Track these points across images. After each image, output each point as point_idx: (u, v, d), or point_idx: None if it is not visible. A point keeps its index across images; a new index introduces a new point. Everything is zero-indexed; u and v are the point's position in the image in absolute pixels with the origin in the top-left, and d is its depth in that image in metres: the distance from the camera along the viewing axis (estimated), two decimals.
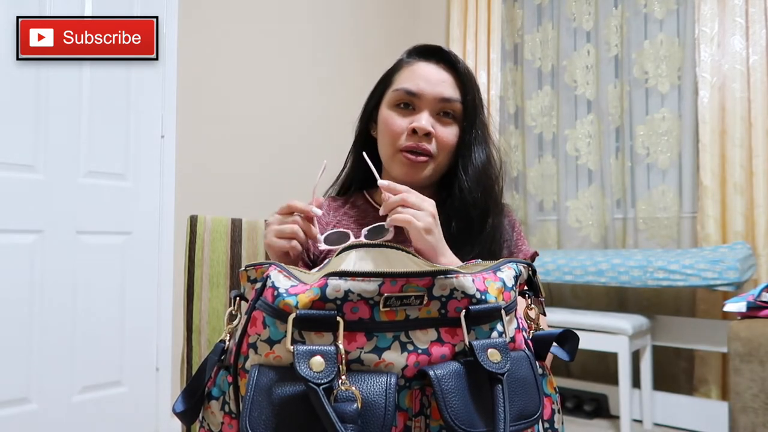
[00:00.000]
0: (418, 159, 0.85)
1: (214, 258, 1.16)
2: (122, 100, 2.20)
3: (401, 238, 0.82)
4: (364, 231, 0.75)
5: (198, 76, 2.43)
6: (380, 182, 0.75)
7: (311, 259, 0.93)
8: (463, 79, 0.88)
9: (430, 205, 0.74)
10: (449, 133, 0.87)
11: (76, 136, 2.07)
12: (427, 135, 0.85)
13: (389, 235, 0.73)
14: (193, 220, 1.15)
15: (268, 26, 2.72)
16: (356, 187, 0.99)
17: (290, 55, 2.82)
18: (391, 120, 0.88)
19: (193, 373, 0.57)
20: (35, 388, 1.93)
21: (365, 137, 0.97)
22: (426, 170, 0.87)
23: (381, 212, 0.78)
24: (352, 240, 0.72)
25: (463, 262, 0.73)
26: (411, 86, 0.87)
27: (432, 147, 0.86)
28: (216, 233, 1.17)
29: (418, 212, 0.72)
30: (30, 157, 1.96)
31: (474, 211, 0.85)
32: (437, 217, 0.75)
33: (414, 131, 0.85)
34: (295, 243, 0.74)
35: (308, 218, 0.75)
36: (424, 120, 0.85)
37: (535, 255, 0.93)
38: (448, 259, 0.74)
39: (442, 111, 0.87)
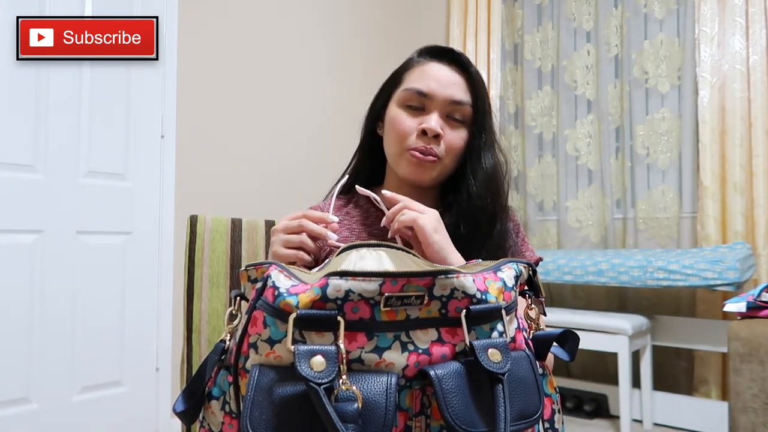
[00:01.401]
0: (427, 158, 0.84)
1: (214, 258, 1.16)
2: (122, 100, 2.20)
3: (381, 229, 0.83)
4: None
5: (198, 76, 2.43)
6: (385, 192, 0.79)
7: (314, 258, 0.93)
8: (475, 82, 0.87)
9: (433, 211, 0.76)
10: (457, 136, 0.86)
11: (76, 136, 2.07)
12: (436, 137, 0.84)
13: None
14: (193, 220, 1.16)
15: (268, 26, 2.72)
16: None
17: (290, 54, 2.82)
18: (399, 119, 0.86)
19: (193, 373, 0.57)
20: (35, 388, 1.93)
21: (372, 136, 0.96)
22: (433, 171, 0.86)
23: (383, 222, 0.78)
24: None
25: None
26: (422, 86, 0.85)
27: (440, 149, 0.85)
28: (216, 233, 1.17)
29: (422, 214, 0.74)
30: (30, 157, 1.96)
31: (482, 215, 0.84)
32: (441, 221, 0.76)
33: (423, 132, 0.84)
34: (302, 254, 0.75)
35: (315, 237, 0.76)
36: (433, 122, 0.84)
37: (539, 261, 0.93)
38: (457, 260, 0.74)
39: (451, 113, 0.86)
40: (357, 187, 0.84)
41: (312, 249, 0.75)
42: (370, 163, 0.97)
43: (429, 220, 0.73)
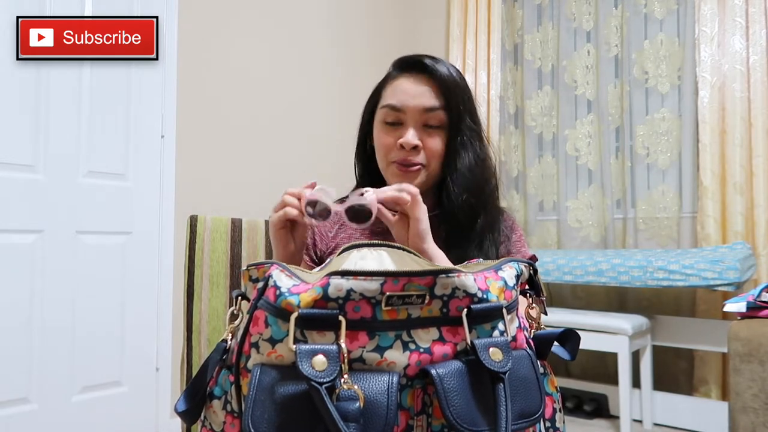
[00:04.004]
0: (411, 169, 0.89)
1: (214, 258, 1.16)
2: (122, 100, 2.20)
3: (383, 228, 0.85)
4: (343, 207, 0.74)
5: (198, 76, 2.43)
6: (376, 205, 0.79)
7: (318, 256, 0.97)
8: (444, 86, 0.89)
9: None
10: (436, 142, 0.90)
11: (76, 136, 2.07)
12: (415, 148, 0.89)
13: (372, 218, 0.73)
14: (193, 220, 1.16)
15: (268, 26, 2.72)
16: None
17: (290, 54, 2.82)
18: (381, 137, 0.92)
19: (194, 373, 0.57)
20: (35, 388, 1.93)
21: (365, 146, 1.01)
22: (419, 178, 0.90)
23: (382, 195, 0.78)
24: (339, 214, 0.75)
25: (455, 263, 0.73)
26: (394, 102, 0.90)
27: (421, 158, 0.89)
28: (216, 233, 1.17)
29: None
30: (30, 157, 1.96)
31: (462, 214, 0.88)
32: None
33: (402, 146, 0.88)
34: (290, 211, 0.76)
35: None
36: (410, 135, 0.88)
37: (533, 258, 0.93)
38: (432, 246, 0.77)
39: (427, 122, 0.90)
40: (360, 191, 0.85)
41: (297, 217, 0.76)
42: (369, 172, 1.01)
43: (419, 205, 0.76)
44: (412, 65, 0.92)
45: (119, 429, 2.15)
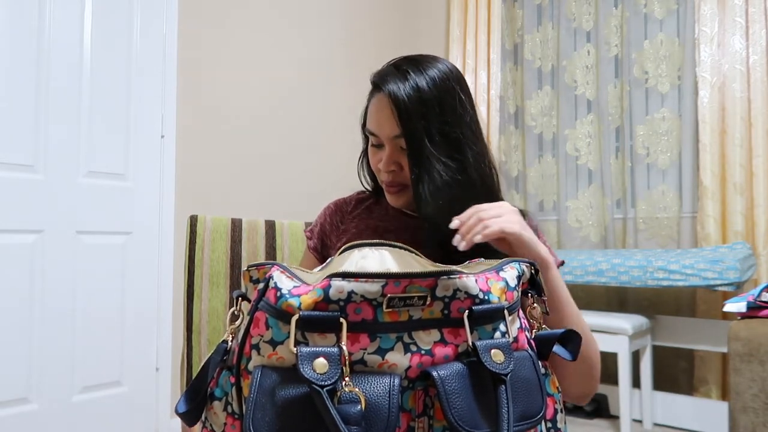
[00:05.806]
0: (392, 190, 0.89)
1: (214, 258, 1.16)
2: (122, 100, 2.20)
3: (395, 226, 0.85)
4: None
5: (198, 76, 2.43)
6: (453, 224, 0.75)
7: (327, 245, 0.98)
8: (400, 110, 0.81)
9: (506, 204, 0.76)
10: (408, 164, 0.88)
11: (76, 136, 2.07)
12: (393, 170, 0.87)
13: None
14: (193, 220, 1.15)
15: (268, 25, 2.72)
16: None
17: (290, 54, 2.82)
18: (370, 158, 0.91)
19: (194, 373, 0.57)
20: (35, 388, 1.93)
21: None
22: (403, 198, 0.89)
23: (455, 241, 0.73)
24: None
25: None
26: (370, 127, 0.88)
27: (402, 178, 0.87)
28: (216, 233, 1.17)
29: (502, 217, 0.72)
30: (30, 157, 1.96)
31: (447, 228, 0.82)
32: (514, 209, 0.76)
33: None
34: None
35: None
36: (384, 161, 0.86)
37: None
38: (544, 250, 0.75)
39: (400, 144, 0.85)
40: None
41: None
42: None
43: (514, 220, 0.72)
44: (376, 84, 0.87)
45: (119, 429, 2.14)
